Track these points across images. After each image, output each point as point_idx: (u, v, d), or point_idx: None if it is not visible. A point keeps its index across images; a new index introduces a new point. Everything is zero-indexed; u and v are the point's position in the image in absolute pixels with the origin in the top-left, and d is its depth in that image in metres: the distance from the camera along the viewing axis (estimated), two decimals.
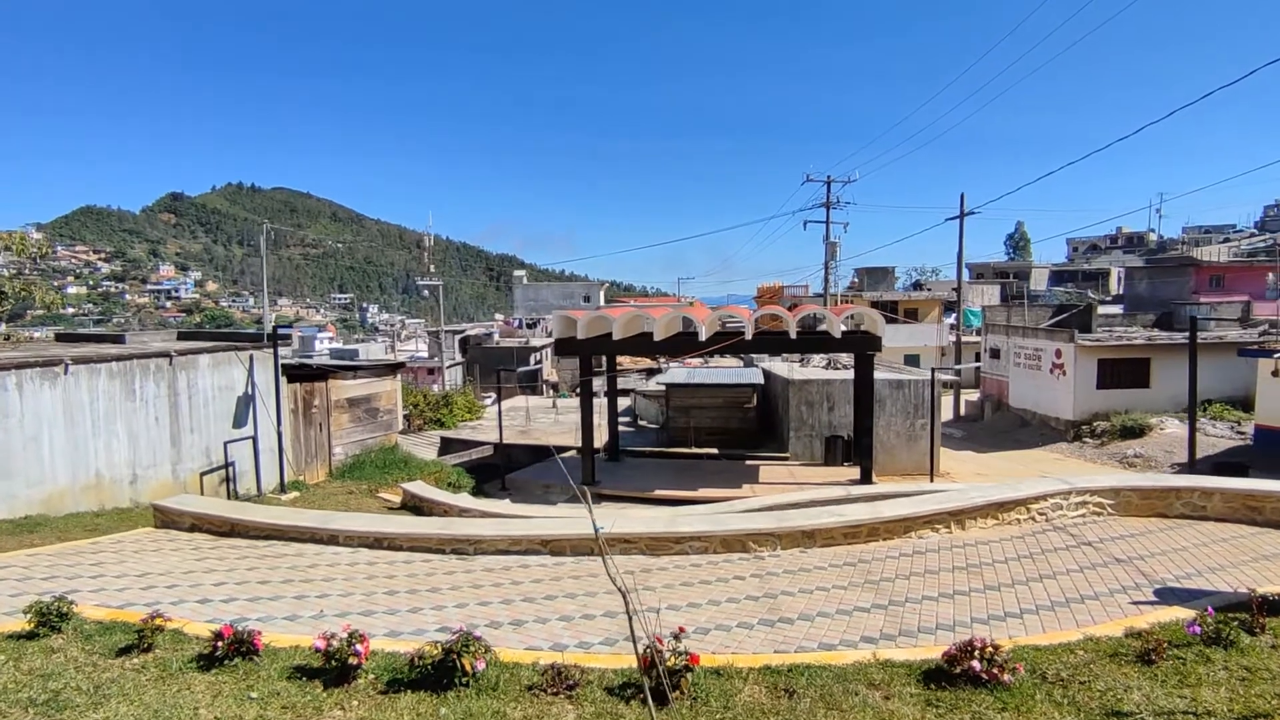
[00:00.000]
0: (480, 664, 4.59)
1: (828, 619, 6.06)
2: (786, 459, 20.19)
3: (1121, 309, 38.85)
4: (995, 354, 31.42)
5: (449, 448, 23.26)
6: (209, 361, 14.04)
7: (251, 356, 14.73)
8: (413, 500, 13.48)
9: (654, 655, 4.34)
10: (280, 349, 15.50)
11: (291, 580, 7.34)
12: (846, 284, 47.91)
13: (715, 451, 21.48)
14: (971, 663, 4.61)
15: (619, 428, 21.99)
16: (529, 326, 57.21)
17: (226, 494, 14.10)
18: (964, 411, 32.53)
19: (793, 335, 16.65)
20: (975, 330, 38.10)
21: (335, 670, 4.69)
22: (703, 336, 16.69)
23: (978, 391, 33.39)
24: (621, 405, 26.17)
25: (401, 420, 21.14)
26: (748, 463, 19.97)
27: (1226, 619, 5.24)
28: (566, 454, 22.03)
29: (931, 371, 19.69)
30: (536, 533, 8.41)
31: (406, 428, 23.44)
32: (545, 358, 46.50)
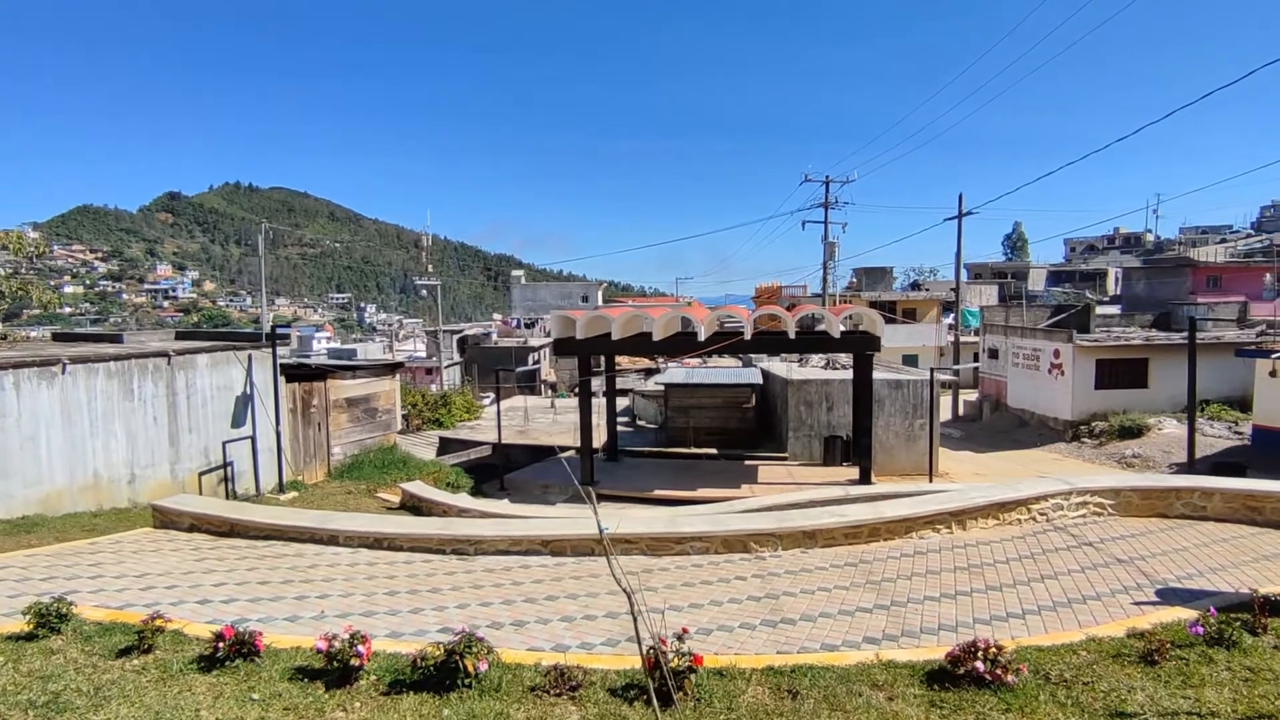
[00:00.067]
0: (483, 665, 4.57)
1: (830, 619, 6.05)
2: (785, 459, 20.18)
3: (1119, 309, 38.96)
4: (993, 354, 31.46)
5: (447, 448, 23.23)
6: (207, 361, 14.00)
7: (250, 356, 14.69)
8: (412, 500, 13.45)
9: (658, 656, 4.33)
10: (278, 349, 15.46)
11: (292, 581, 7.31)
12: (845, 284, 47.98)
13: (714, 451, 21.46)
14: (975, 663, 4.60)
15: (618, 428, 21.97)
16: (527, 326, 57.18)
17: (225, 494, 14.06)
18: (962, 411, 32.55)
19: (791, 335, 16.64)
20: (973, 330, 38.15)
21: (337, 671, 4.67)
22: (702, 336, 16.67)
23: (976, 392, 33.41)
24: (620, 405, 26.16)
25: (400, 420, 21.10)
26: (746, 463, 19.96)
27: (1229, 619, 5.24)
28: (565, 454, 22.02)
29: (930, 372, 19.69)
30: (537, 533, 8.39)
31: (405, 428, 23.41)
32: (543, 358, 46.47)
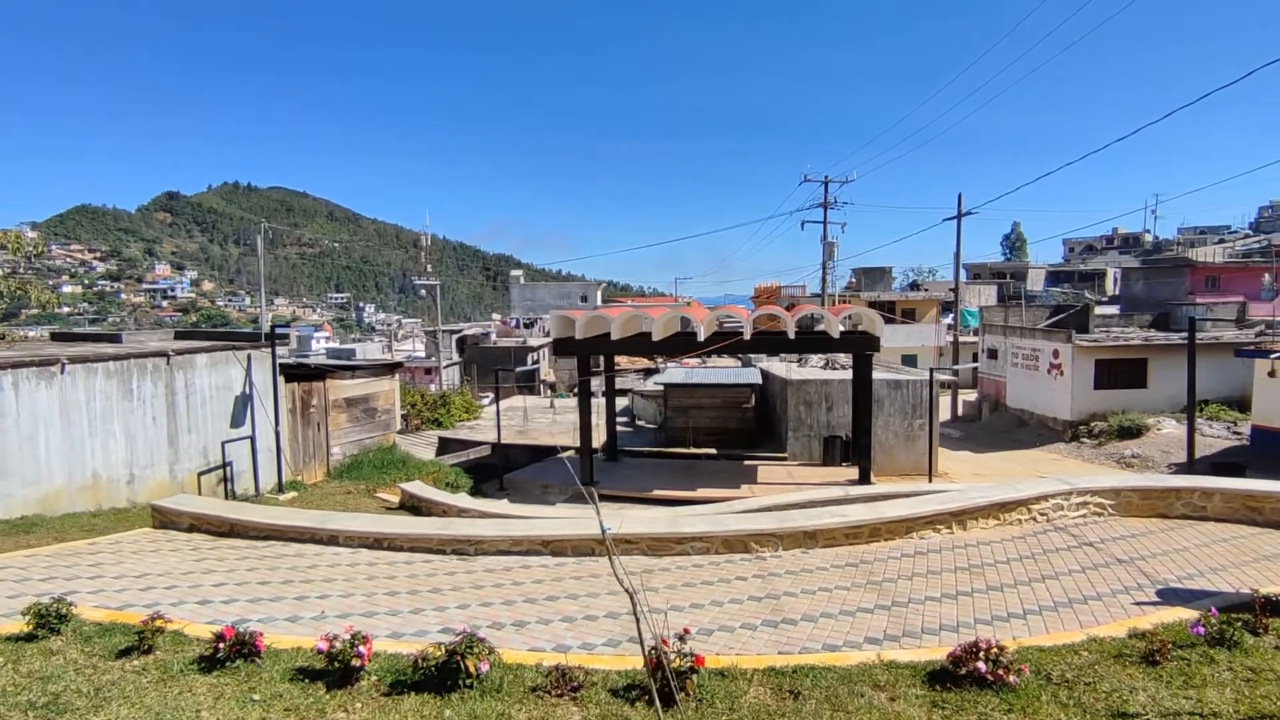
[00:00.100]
0: (484, 665, 4.56)
1: (831, 620, 6.04)
2: (785, 459, 20.18)
3: (1118, 309, 38.99)
4: (993, 354, 31.47)
5: (447, 448, 23.21)
6: (206, 361, 13.98)
7: (249, 356, 14.67)
8: (411, 500, 13.43)
9: (660, 657, 4.32)
10: (278, 349, 15.44)
11: (292, 581, 7.30)
12: (844, 284, 48.00)
13: (713, 451, 21.46)
14: (977, 664, 4.60)
15: (617, 428, 21.96)
16: (526, 326, 57.16)
17: (224, 494, 14.04)
18: (961, 412, 32.56)
19: (791, 335, 16.63)
20: (972, 330, 38.18)
21: (338, 672, 4.66)
22: (701, 336, 16.66)
23: (975, 392, 33.43)
24: (619, 405, 26.15)
25: (399, 420, 21.08)
26: (746, 463, 19.95)
27: (1230, 619, 5.23)
28: (564, 454, 22.00)
29: (930, 372, 19.69)
30: (537, 533, 8.38)
31: (404, 427, 23.38)
32: (542, 357, 46.46)
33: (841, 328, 16.91)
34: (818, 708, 4.41)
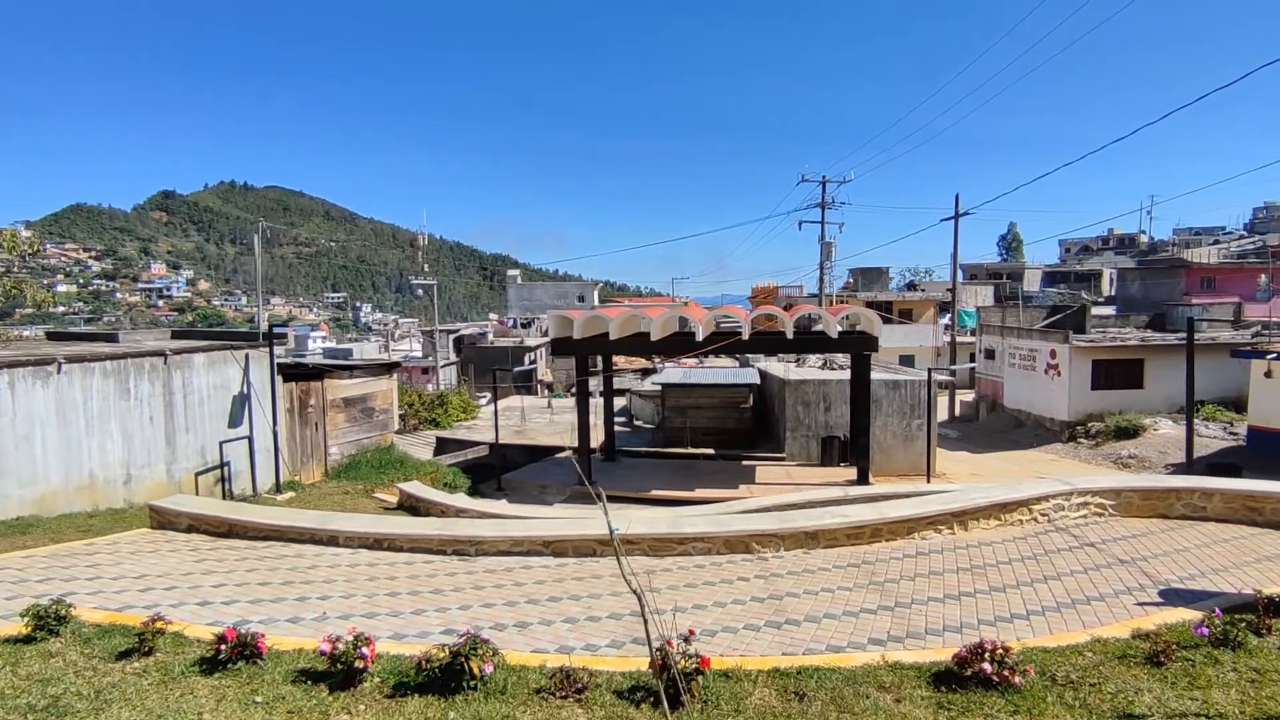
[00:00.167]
0: (488, 667, 4.54)
1: (834, 620, 6.03)
2: (783, 459, 20.17)
3: (1115, 310, 39.06)
4: (990, 354, 31.52)
5: (444, 448, 23.17)
6: (204, 360, 13.92)
7: (247, 356, 14.61)
8: (410, 500, 13.39)
9: (665, 658, 4.30)
10: (275, 348, 15.38)
11: (292, 582, 7.26)
12: (841, 284, 48.03)
13: (711, 452, 21.45)
14: (982, 665, 4.58)
15: (615, 428, 21.93)
16: (523, 326, 57.09)
17: (222, 494, 13.99)
18: (959, 412, 32.61)
19: (789, 335, 16.64)
20: (970, 331, 38.23)
21: (340, 674, 4.63)
22: (700, 336, 16.66)
23: (973, 392, 33.48)
24: (617, 405, 26.11)
25: (397, 420, 21.02)
26: (744, 463, 19.94)
27: (1233, 620, 5.23)
28: (562, 454, 21.96)
29: (928, 372, 19.71)
30: (538, 534, 8.35)
31: (402, 427, 23.32)
32: (540, 357, 46.41)
33: (840, 328, 16.92)
34: (823, 709, 4.39)
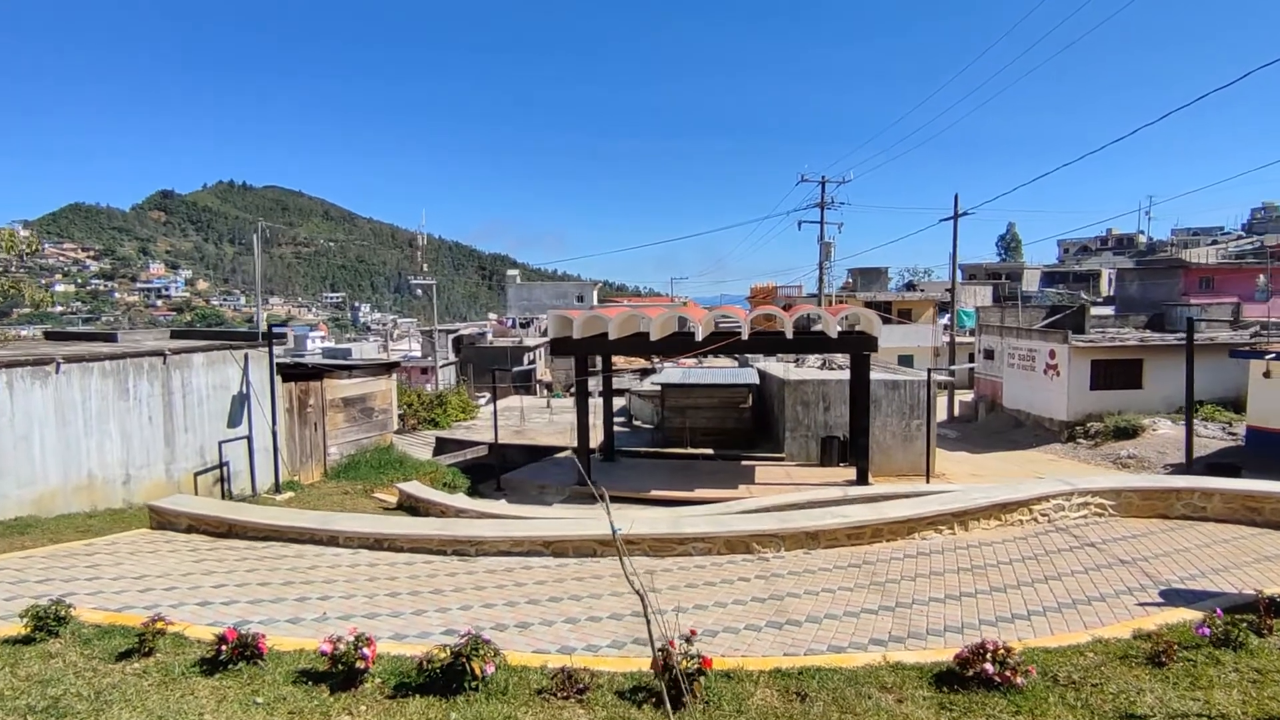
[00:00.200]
0: (490, 668, 4.53)
1: (835, 621, 6.03)
2: (782, 459, 20.17)
3: (1114, 310, 39.11)
4: (989, 355, 31.54)
5: (443, 448, 23.17)
6: (203, 360, 13.90)
7: (246, 355, 14.60)
8: (409, 501, 13.37)
9: (667, 658, 4.29)
10: (275, 348, 15.36)
11: (292, 582, 7.25)
12: (840, 284, 48.05)
13: (710, 452, 21.45)
14: (984, 665, 4.58)
15: (614, 428, 21.92)
16: (522, 326, 57.10)
17: (221, 494, 13.97)
18: (958, 412, 32.63)
19: (789, 335, 16.64)
20: (969, 331, 38.25)
21: (342, 674, 4.62)
22: (699, 336, 16.67)
23: (972, 392, 33.51)
24: (616, 405, 26.11)
25: (396, 420, 21.01)
26: (743, 463, 19.94)
27: (1235, 620, 5.23)
28: (561, 454, 21.96)
29: (928, 372, 19.72)
30: (539, 534, 8.35)
31: (401, 427, 23.31)
32: (539, 357, 46.39)
33: (839, 328, 16.93)
34: (825, 710, 4.39)
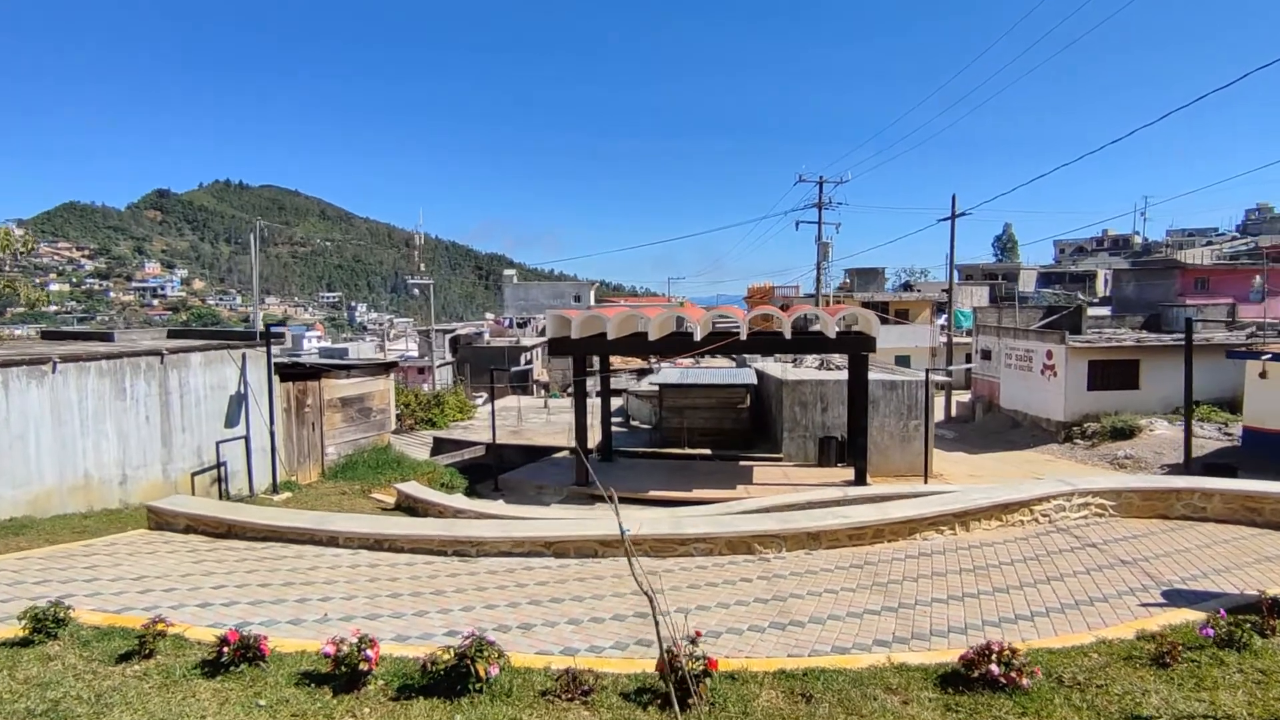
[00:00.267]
0: (494, 669, 4.49)
1: (839, 622, 6.01)
2: (780, 460, 20.18)
3: (1110, 311, 39.24)
4: (986, 355, 31.60)
5: (441, 448, 23.12)
6: (201, 360, 13.83)
7: (244, 355, 14.54)
8: (407, 501, 13.34)
9: (671, 660, 4.27)
10: (272, 348, 15.30)
11: (293, 583, 7.21)
12: (837, 285, 48.12)
13: (709, 452, 21.45)
14: (989, 666, 4.56)
15: (612, 428, 21.91)
16: (519, 326, 57.06)
17: (218, 494, 13.90)
18: (955, 413, 32.70)
19: (787, 336, 16.66)
20: (966, 331, 38.32)
21: (345, 676, 4.59)
22: (697, 337, 16.67)
23: (969, 393, 33.57)
24: (614, 405, 26.10)
25: (394, 420, 20.96)
26: (741, 463, 19.94)
27: (1238, 621, 5.23)
28: (559, 454, 21.93)
29: (925, 373, 19.75)
30: (540, 534, 8.32)
31: (399, 427, 23.26)
32: (536, 357, 46.35)
33: (838, 328, 16.94)
34: (831, 711, 4.37)
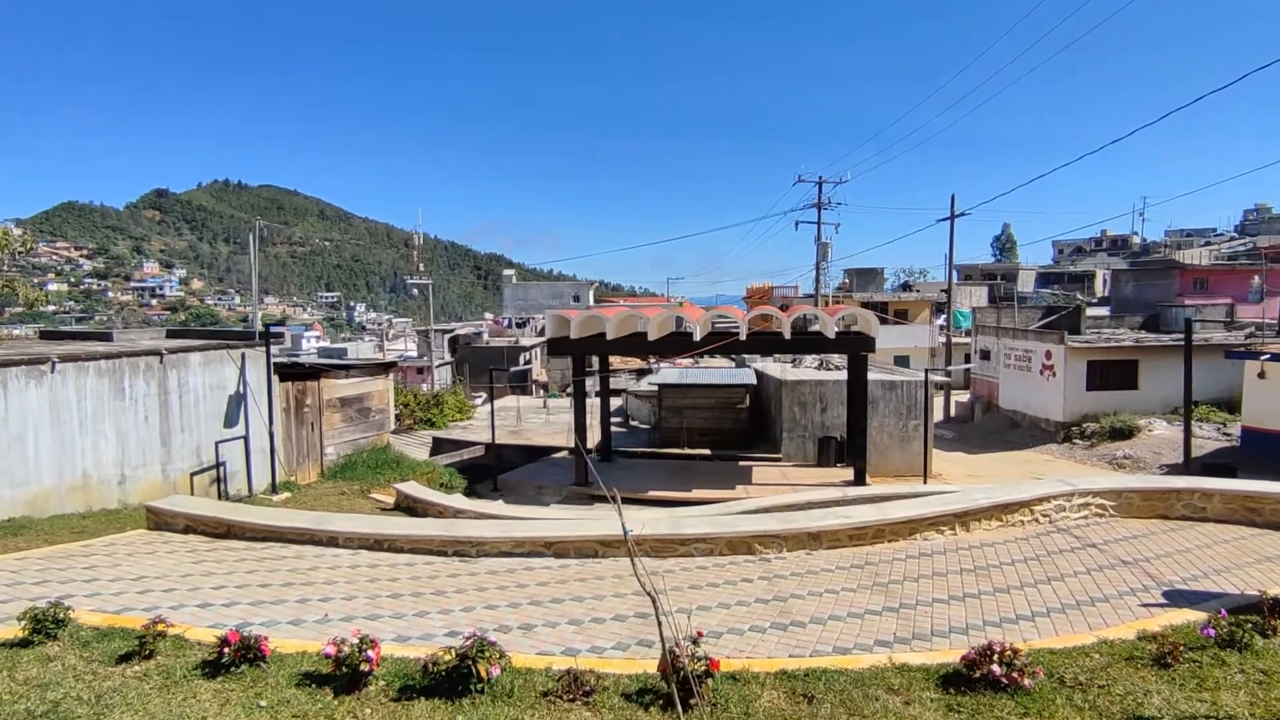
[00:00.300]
0: (495, 670, 4.49)
1: (840, 622, 6.01)
2: (779, 460, 20.18)
3: (1109, 311, 39.28)
4: (985, 355, 31.61)
5: (440, 448, 23.11)
6: (200, 360, 13.82)
7: (243, 355, 14.52)
8: (407, 501, 13.32)
9: (674, 660, 4.27)
10: (271, 348, 15.28)
11: (293, 583, 7.20)
12: (836, 285, 48.12)
13: (708, 452, 21.44)
14: (991, 667, 4.56)
15: (611, 428, 21.90)
16: (518, 326, 57.02)
17: (217, 494, 13.89)
18: (954, 413, 32.71)
19: (787, 336, 16.65)
20: (965, 331, 38.34)
21: (346, 677, 4.58)
22: (697, 337, 16.66)
23: (968, 393, 33.59)
24: (613, 405, 26.10)
25: (393, 420, 20.94)
26: (740, 464, 19.94)
27: (1239, 621, 5.23)
28: (558, 454, 21.92)
29: (925, 373, 19.76)
30: (540, 535, 8.32)
31: (398, 428, 23.25)
32: (535, 357, 46.33)
33: (837, 328, 16.94)
34: (833, 712, 4.37)
